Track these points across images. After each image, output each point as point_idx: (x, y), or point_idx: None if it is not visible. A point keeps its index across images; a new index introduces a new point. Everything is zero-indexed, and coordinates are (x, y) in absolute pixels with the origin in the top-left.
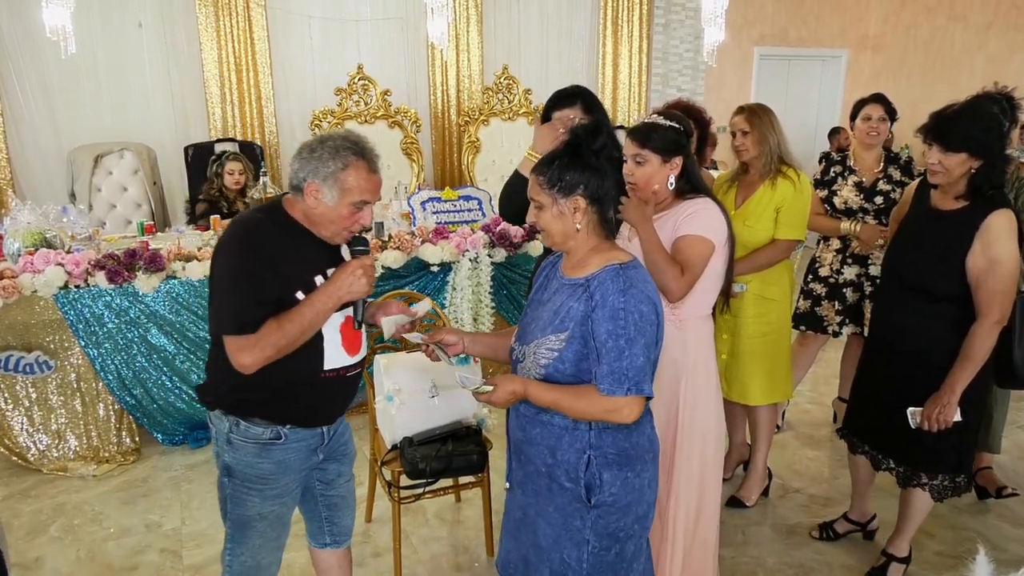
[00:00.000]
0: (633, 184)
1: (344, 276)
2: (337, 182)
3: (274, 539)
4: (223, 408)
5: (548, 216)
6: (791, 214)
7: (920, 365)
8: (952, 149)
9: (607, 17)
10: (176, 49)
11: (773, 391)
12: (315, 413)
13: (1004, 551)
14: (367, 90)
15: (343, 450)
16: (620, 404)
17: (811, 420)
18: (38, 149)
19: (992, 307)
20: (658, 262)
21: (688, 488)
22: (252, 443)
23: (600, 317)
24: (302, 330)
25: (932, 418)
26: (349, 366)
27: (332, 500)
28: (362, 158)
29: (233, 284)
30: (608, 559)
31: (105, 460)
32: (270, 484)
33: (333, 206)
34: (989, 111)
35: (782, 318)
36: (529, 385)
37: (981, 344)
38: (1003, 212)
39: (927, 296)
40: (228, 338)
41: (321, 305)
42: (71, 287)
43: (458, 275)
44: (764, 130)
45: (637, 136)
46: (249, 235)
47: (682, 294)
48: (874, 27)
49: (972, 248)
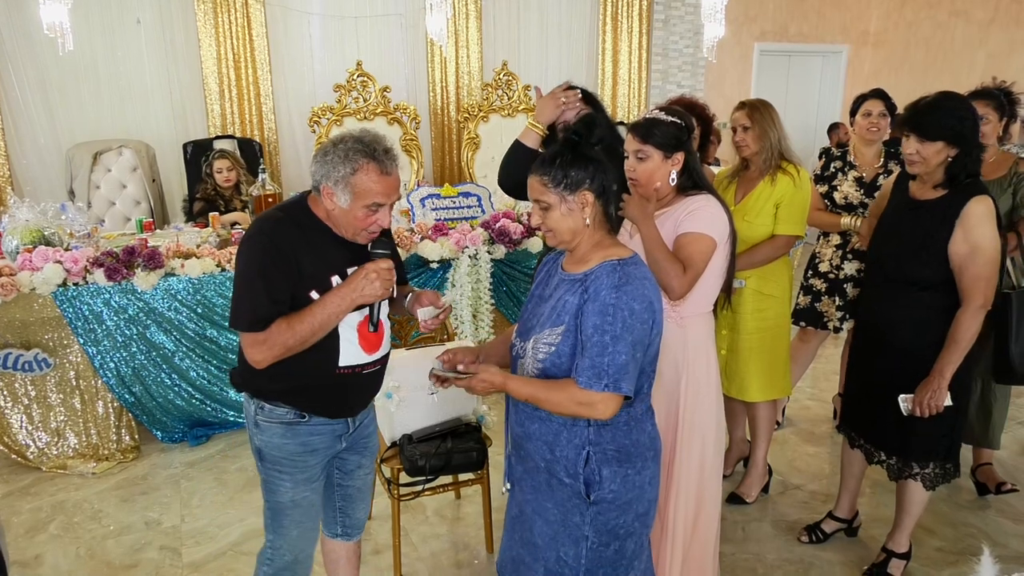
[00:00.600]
0: (635, 180)
1: (358, 279)
2: (349, 185)
3: (310, 529)
4: (249, 391)
5: (556, 215)
6: (791, 210)
7: (908, 354)
8: (929, 138)
9: (607, 13)
10: (175, 46)
11: (772, 387)
12: (332, 406)
13: (1005, 547)
14: (366, 87)
15: (366, 442)
16: (595, 399)
17: (811, 416)
18: (36, 146)
19: (975, 292)
20: (660, 260)
21: (688, 485)
22: (277, 423)
23: (590, 311)
24: (313, 330)
25: (923, 404)
26: (366, 364)
27: (348, 491)
28: (373, 159)
29: (248, 281)
30: (607, 555)
31: (104, 458)
32: (299, 466)
33: (348, 208)
34: (962, 102)
35: (781, 314)
36: (508, 378)
37: (967, 328)
38: (981, 199)
39: (911, 286)
40: (241, 333)
41: (334, 307)
42: (70, 285)
43: (458, 272)
44: (765, 126)
45: (639, 132)
46: (267, 233)
47: (684, 292)
48: (875, 23)
49: (953, 235)
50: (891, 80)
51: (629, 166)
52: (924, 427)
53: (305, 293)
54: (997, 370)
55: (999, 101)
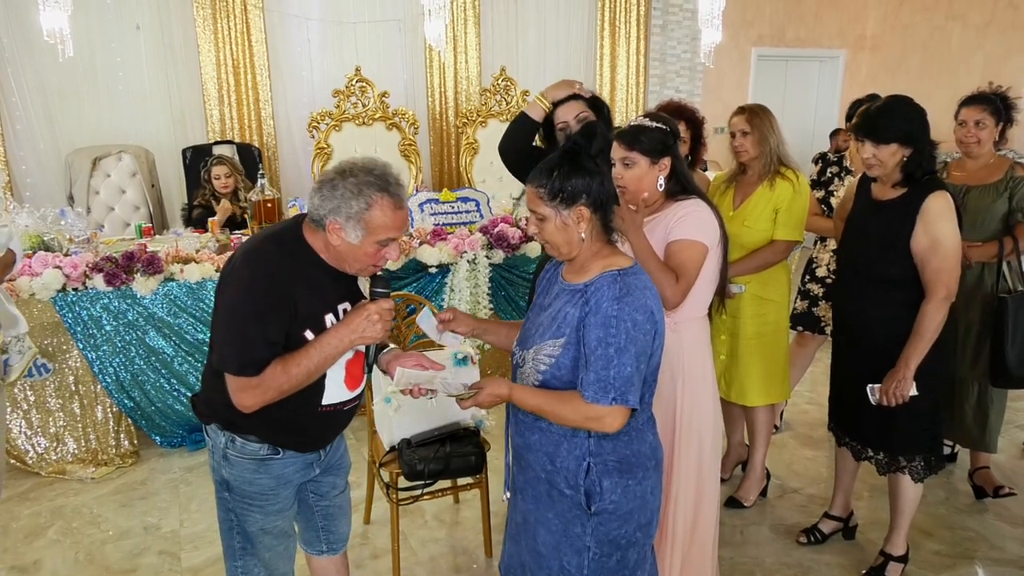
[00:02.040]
0: (623, 187)
1: (358, 320)
2: (361, 222)
3: (283, 550)
4: (218, 423)
5: (551, 228)
6: (790, 215)
7: (883, 350)
8: (882, 141)
9: (604, 18)
10: (174, 51)
11: (771, 392)
12: (308, 442)
13: (1002, 550)
14: (365, 92)
15: (339, 463)
16: (603, 413)
17: (809, 420)
18: (36, 152)
19: (938, 285)
20: (652, 271)
21: (686, 489)
22: (249, 459)
23: (592, 323)
24: (308, 374)
25: (889, 393)
26: (347, 400)
27: (329, 510)
28: (386, 193)
29: (241, 321)
30: (609, 565)
31: (103, 463)
32: (270, 500)
33: (358, 245)
34: (911, 104)
35: (780, 318)
36: (515, 389)
37: (931, 320)
38: (939, 194)
39: (882, 284)
40: (229, 377)
41: (332, 349)
42: (69, 290)
43: (456, 276)
44: (764, 131)
45: (624, 139)
46: (263, 269)
47: (678, 301)
48: (872, 27)
49: (915, 231)
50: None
51: (617, 173)
52: (904, 422)
53: (299, 333)
54: (994, 373)
55: (995, 106)
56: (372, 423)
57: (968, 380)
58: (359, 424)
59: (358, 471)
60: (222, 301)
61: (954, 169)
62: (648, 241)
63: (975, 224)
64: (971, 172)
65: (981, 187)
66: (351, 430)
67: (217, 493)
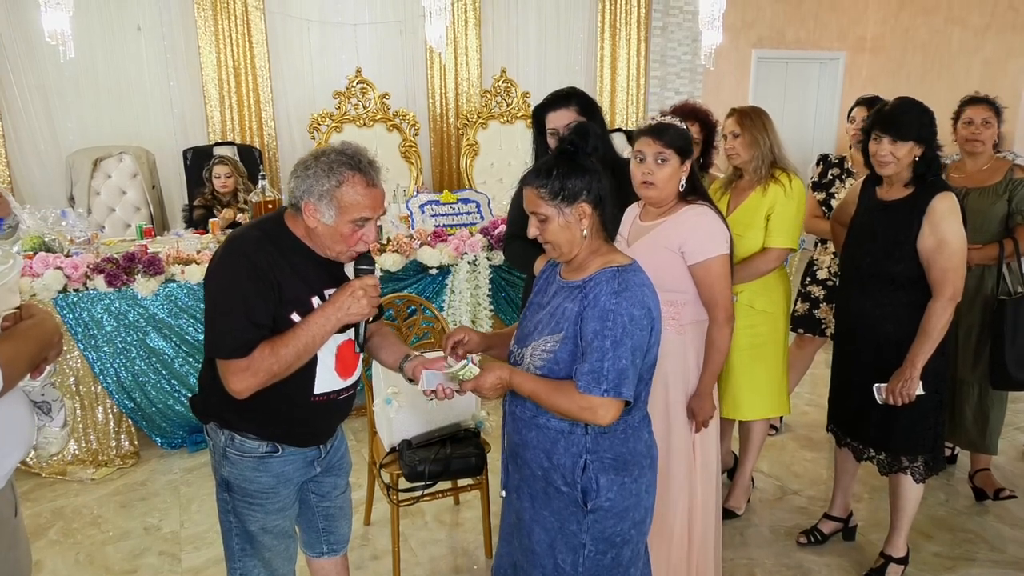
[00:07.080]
0: (652, 183)
1: (343, 297)
2: (334, 200)
3: (283, 551)
4: (216, 422)
5: (554, 228)
6: (781, 221)
7: (887, 350)
8: (901, 138)
9: (605, 20)
10: (175, 53)
11: (766, 406)
12: (305, 435)
13: (1003, 552)
14: (366, 93)
15: (340, 463)
16: (595, 404)
17: (809, 422)
18: (37, 153)
19: (945, 284)
20: (715, 361)
21: (687, 489)
22: (249, 457)
23: (590, 316)
24: (298, 354)
25: (896, 392)
26: (341, 389)
27: (330, 511)
28: (358, 171)
29: (227, 304)
30: (604, 563)
31: (104, 464)
32: (271, 498)
33: (333, 225)
34: (923, 105)
35: (774, 331)
36: (514, 373)
37: (937, 320)
38: (946, 195)
39: (887, 283)
40: (220, 362)
41: (319, 328)
42: (70, 291)
43: (456, 278)
44: (755, 133)
45: (659, 135)
46: (244, 254)
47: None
48: (872, 29)
49: (921, 231)
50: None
51: (646, 169)
52: (906, 421)
53: (286, 316)
54: (993, 376)
55: (997, 107)
56: (372, 424)
57: (968, 382)
58: (359, 425)
59: (358, 472)
60: (209, 288)
61: (953, 171)
62: (716, 373)
63: (975, 226)
64: (970, 174)
65: (980, 189)
66: (351, 431)
67: (217, 494)
